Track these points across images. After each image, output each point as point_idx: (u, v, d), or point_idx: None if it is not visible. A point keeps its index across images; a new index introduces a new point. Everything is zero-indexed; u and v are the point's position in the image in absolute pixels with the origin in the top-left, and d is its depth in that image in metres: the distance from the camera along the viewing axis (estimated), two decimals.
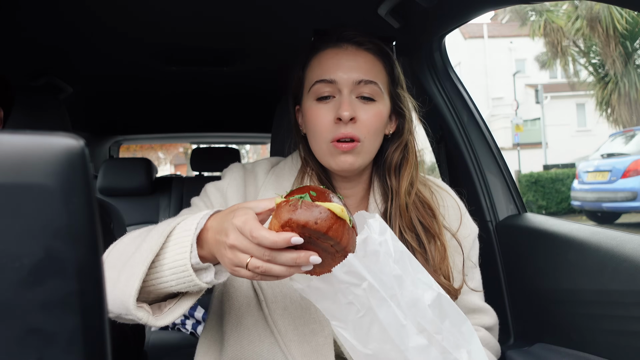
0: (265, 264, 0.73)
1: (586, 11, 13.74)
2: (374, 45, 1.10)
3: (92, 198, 0.35)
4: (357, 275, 0.76)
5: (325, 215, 0.72)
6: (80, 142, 0.35)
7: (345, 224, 0.73)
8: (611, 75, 14.64)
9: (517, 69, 24.81)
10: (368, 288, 0.77)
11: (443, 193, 1.19)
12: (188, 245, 0.80)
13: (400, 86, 1.13)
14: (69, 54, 2.00)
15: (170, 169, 30.66)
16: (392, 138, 1.15)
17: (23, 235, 0.33)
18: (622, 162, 9.59)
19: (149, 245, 0.82)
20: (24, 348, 0.33)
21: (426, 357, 0.79)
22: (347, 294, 0.77)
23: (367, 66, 1.07)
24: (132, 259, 0.83)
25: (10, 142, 0.34)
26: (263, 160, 1.24)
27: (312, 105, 1.07)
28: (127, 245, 0.89)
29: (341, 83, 1.05)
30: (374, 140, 1.07)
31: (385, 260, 0.79)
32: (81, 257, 0.35)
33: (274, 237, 0.71)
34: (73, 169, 0.34)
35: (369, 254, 0.77)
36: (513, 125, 20.69)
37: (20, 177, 0.33)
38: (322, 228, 0.71)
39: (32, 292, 0.33)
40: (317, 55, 1.10)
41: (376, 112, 1.06)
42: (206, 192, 1.16)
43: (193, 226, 0.81)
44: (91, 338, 0.35)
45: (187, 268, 0.80)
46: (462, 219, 1.17)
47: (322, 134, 1.05)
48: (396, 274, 0.79)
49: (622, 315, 1.12)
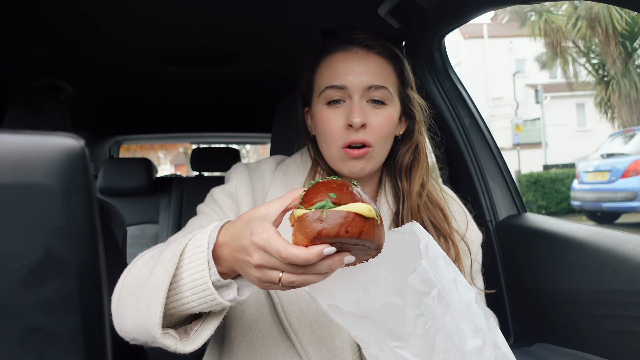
0: (300, 276, 0.70)
1: (585, 12, 13.74)
2: (384, 48, 1.09)
3: (92, 198, 0.35)
4: (430, 283, 0.74)
5: (353, 220, 0.69)
6: (81, 142, 0.35)
7: (374, 222, 0.71)
8: (611, 75, 14.64)
9: (517, 69, 24.80)
10: (437, 295, 0.74)
11: (448, 199, 1.20)
12: (205, 263, 0.77)
13: (410, 87, 1.12)
14: (69, 55, 2.00)
15: (170, 169, 30.66)
16: (403, 139, 1.14)
17: (23, 235, 0.33)
18: (622, 162, 9.59)
19: (164, 267, 0.79)
20: (24, 348, 0.33)
21: (481, 357, 0.78)
22: (419, 305, 0.74)
23: (377, 70, 1.06)
24: (148, 283, 0.80)
25: (10, 142, 0.34)
26: (267, 159, 1.23)
27: (323, 110, 1.06)
28: (141, 269, 0.86)
29: (351, 88, 1.03)
30: (384, 144, 1.07)
31: (443, 266, 0.78)
32: (81, 257, 0.35)
33: (305, 254, 0.67)
34: (73, 169, 0.34)
35: (431, 259, 0.76)
36: (513, 125, 20.68)
37: (20, 177, 0.33)
38: (354, 235, 0.68)
39: (32, 292, 0.33)
40: (327, 58, 1.09)
41: (387, 116, 1.05)
42: (214, 198, 1.12)
43: (204, 241, 0.78)
44: (91, 338, 0.35)
45: (209, 287, 0.76)
46: (468, 224, 1.18)
47: (332, 140, 1.04)
48: (453, 277, 0.78)
49: (622, 315, 1.12)
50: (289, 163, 1.19)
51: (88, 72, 2.27)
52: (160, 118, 3.40)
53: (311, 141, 1.16)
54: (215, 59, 2.10)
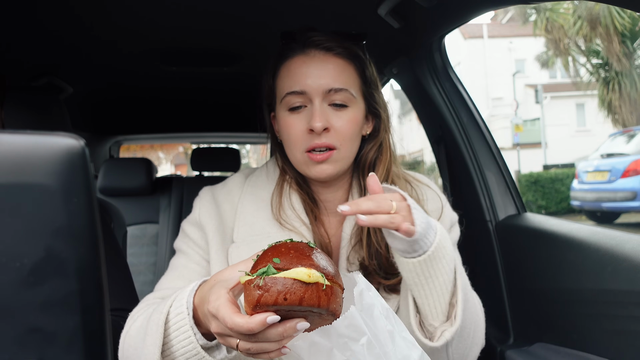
0: (254, 344, 0.70)
1: (586, 12, 13.74)
2: (344, 49, 1.07)
3: (92, 198, 0.35)
4: (358, 330, 0.72)
5: (292, 287, 0.66)
6: (81, 142, 0.35)
7: (318, 287, 0.67)
8: (612, 75, 14.64)
9: (517, 69, 24.80)
10: (366, 344, 0.72)
11: (423, 187, 1.18)
12: (189, 330, 0.80)
13: (373, 86, 1.11)
14: (70, 55, 2.00)
15: (170, 169, 30.66)
16: (369, 138, 1.14)
17: (23, 235, 0.33)
18: (622, 162, 9.59)
19: (152, 339, 0.82)
20: (24, 347, 0.33)
21: None
22: (344, 350, 0.72)
23: (336, 72, 1.04)
24: (143, 355, 0.83)
25: (10, 142, 0.34)
26: (235, 175, 1.22)
27: (285, 116, 1.06)
28: (135, 338, 0.89)
29: (311, 93, 1.03)
30: (350, 145, 1.06)
31: (379, 315, 0.75)
32: (81, 257, 0.35)
33: (247, 324, 0.67)
34: (73, 169, 0.34)
35: (365, 307, 0.74)
36: (513, 125, 20.69)
37: (20, 177, 0.33)
38: (294, 302, 0.66)
39: (33, 292, 0.33)
40: (286, 63, 1.08)
41: (350, 118, 1.04)
42: (185, 232, 1.14)
43: (184, 308, 0.81)
44: (91, 338, 0.35)
45: (199, 351, 0.80)
46: (443, 209, 1.16)
47: (296, 145, 1.04)
48: (389, 330, 0.76)
49: (622, 315, 1.12)
50: (258, 174, 1.19)
51: (88, 71, 2.27)
52: (161, 118, 3.40)
53: (279, 147, 1.15)
54: (215, 60, 2.10)
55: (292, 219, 1.09)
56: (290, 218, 1.09)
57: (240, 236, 1.08)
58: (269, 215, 1.10)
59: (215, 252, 1.08)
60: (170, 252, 2.79)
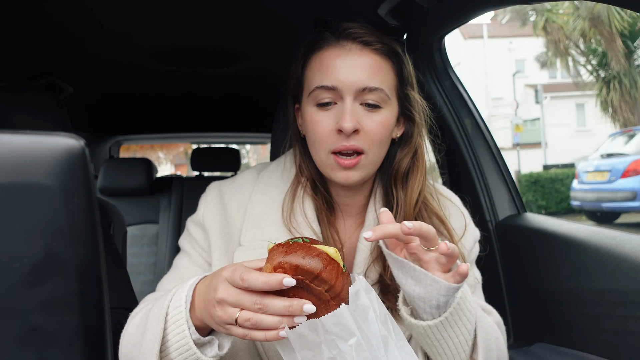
0: (256, 314, 0.70)
1: (587, 12, 13.74)
2: (383, 44, 0.98)
3: (92, 198, 0.35)
4: (347, 329, 0.70)
5: (318, 256, 0.70)
6: (81, 142, 0.35)
7: (339, 268, 0.71)
8: (612, 75, 14.64)
9: (517, 69, 24.80)
10: (355, 345, 0.70)
11: (447, 202, 1.10)
12: (184, 323, 0.79)
13: (410, 87, 1.02)
14: (70, 56, 2.00)
15: (170, 169, 30.66)
16: (400, 142, 1.04)
17: (23, 235, 0.33)
18: (622, 162, 9.59)
19: (152, 334, 0.82)
20: (24, 347, 0.33)
21: None
22: (332, 348, 0.71)
23: (372, 70, 0.95)
24: (142, 350, 0.83)
25: (10, 142, 0.34)
26: (248, 171, 1.16)
27: (312, 111, 0.97)
28: (134, 335, 0.89)
29: (343, 90, 0.94)
30: (379, 150, 0.98)
31: (374, 319, 0.73)
32: (81, 257, 0.35)
33: (265, 277, 0.68)
34: (73, 169, 0.34)
35: (359, 308, 0.72)
36: (513, 125, 20.68)
37: (20, 177, 0.33)
38: (315, 269, 0.68)
39: (32, 292, 0.33)
40: (318, 54, 0.99)
41: (382, 121, 0.96)
42: (188, 230, 1.10)
43: (182, 301, 0.80)
44: (91, 338, 0.35)
45: (191, 347, 0.79)
46: (466, 227, 1.09)
47: (322, 144, 0.96)
48: (383, 335, 0.73)
49: (622, 315, 1.12)
50: (273, 169, 1.11)
51: (88, 71, 2.27)
52: (161, 118, 3.40)
53: (300, 142, 1.07)
54: (216, 59, 2.10)
55: (303, 226, 1.02)
56: (301, 225, 1.02)
57: (248, 240, 1.03)
58: (279, 219, 1.03)
59: (218, 256, 1.03)
60: (170, 252, 2.79)
